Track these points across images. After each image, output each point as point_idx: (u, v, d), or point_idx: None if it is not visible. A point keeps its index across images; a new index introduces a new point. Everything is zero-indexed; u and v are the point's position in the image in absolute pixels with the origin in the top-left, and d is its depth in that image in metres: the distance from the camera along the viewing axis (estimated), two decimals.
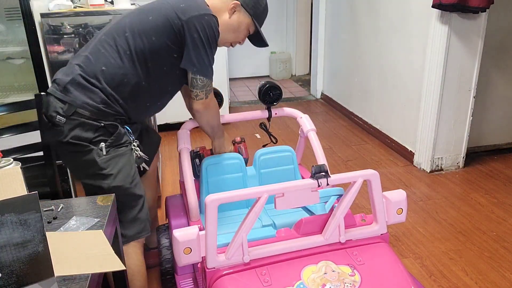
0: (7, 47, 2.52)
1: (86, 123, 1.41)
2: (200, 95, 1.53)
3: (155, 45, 1.44)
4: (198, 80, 1.49)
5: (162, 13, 1.45)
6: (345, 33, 3.96)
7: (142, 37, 1.44)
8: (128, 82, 1.45)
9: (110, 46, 1.45)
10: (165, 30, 1.44)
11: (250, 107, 4.42)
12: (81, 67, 1.43)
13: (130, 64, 1.44)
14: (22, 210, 0.76)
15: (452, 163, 2.94)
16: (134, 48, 1.44)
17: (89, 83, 1.42)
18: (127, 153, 1.48)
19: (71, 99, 1.40)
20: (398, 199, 1.27)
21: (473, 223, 2.31)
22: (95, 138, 1.42)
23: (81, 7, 2.52)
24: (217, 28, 1.48)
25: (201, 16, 1.44)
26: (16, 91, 2.61)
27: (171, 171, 2.91)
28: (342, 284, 1.09)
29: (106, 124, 1.43)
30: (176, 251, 1.13)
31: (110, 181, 1.42)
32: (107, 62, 1.43)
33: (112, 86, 1.43)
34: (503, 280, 1.88)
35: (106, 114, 1.43)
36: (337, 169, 2.97)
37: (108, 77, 1.43)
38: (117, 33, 1.46)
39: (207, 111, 1.61)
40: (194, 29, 1.42)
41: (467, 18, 2.59)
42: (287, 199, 1.14)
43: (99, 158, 1.41)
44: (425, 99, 2.83)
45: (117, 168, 1.43)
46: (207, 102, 1.57)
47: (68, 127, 1.41)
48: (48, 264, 0.80)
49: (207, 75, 1.50)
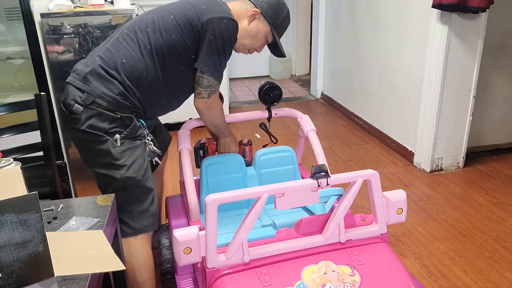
0: (7, 47, 2.52)
1: (103, 113, 1.43)
2: (202, 93, 1.55)
3: (174, 43, 1.47)
4: (204, 79, 1.51)
5: (183, 13, 1.48)
6: (345, 33, 3.96)
7: (162, 34, 1.46)
8: (147, 76, 1.47)
9: (131, 40, 1.47)
10: (185, 29, 1.46)
11: (250, 107, 4.42)
12: (102, 58, 1.46)
13: (149, 59, 1.47)
14: (22, 210, 0.76)
15: (452, 163, 2.94)
16: (154, 44, 1.46)
17: (109, 74, 1.44)
18: (141, 146, 1.50)
19: (90, 89, 1.42)
20: (398, 199, 1.27)
21: (473, 223, 2.31)
22: (111, 129, 1.44)
23: (81, 7, 2.52)
24: (235, 33, 1.50)
25: (220, 18, 1.46)
26: (16, 91, 2.61)
27: (171, 171, 2.91)
28: (342, 284, 1.09)
29: (123, 116, 1.45)
30: (176, 251, 1.13)
31: (123, 171, 1.44)
32: (128, 55, 1.46)
33: (131, 79, 1.45)
34: (503, 280, 1.88)
35: (123, 106, 1.45)
36: (337, 169, 2.97)
37: (128, 69, 1.45)
38: (139, 28, 1.49)
39: (209, 112, 1.62)
40: (212, 31, 1.45)
41: (467, 18, 2.59)
42: (287, 199, 1.14)
43: (113, 149, 1.43)
44: (425, 99, 2.83)
45: (131, 159, 1.45)
46: (209, 102, 1.58)
47: (85, 116, 1.43)
48: (48, 264, 0.80)
49: (215, 76, 1.51)
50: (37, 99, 1.64)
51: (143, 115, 1.55)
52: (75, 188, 2.55)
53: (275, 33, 1.60)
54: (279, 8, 1.58)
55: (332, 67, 4.38)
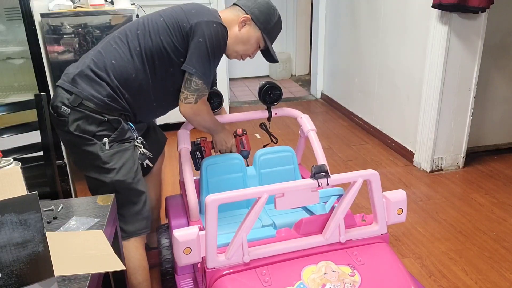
0: (7, 47, 2.52)
1: (90, 116, 1.42)
2: (189, 98, 1.51)
3: (163, 45, 1.47)
4: (192, 83, 1.49)
5: (173, 16, 1.49)
6: (345, 33, 3.96)
7: (152, 36, 1.47)
8: (136, 78, 1.47)
9: (122, 42, 1.48)
10: (174, 31, 1.46)
11: (250, 107, 4.42)
12: (92, 60, 1.46)
13: (139, 61, 1.47)
14: (22, 210, 0.76)
15: (452, 163, 2.94)
16: (143, 46, 1.47)
17: (97, 75, 1.44)
18: (130, 149, 1.49)
19: (78, 90, 1.42)
20: (398, 199, 1.27)
21: (473, 223, 2.31)
22: (99, 132, 1.43)
23: (81, 7, 2.52)
24: (224, 38, 1.50)
25: (209, 22, 1.46)
26: (16, 91, 2.61)
27: (171, 171, 2.91)
28: (342, 284, 1.09)
29: (110, 119, 1.44)
30: (176, 251, 1.13)
31: (112, 175, 1.44)
32: (117, 56, 1.46)
33: (120, 80, 1.45)
34: (503, 280, 1.88)
35: (111, 108, 1.45)
36: (337, 169, 2.97)
37: (117, 70, 1.45)
38: (130, 31, 1.50)
39: (197, 117, 1.59)
40: (200, 33, 1.44)
41: (467, 18, 2.59)
42: (287, 199, 1.14)
43: (102, 153, 1.43)
44: (425, 99, 2.83)
45: (120, 163, 1.45)
46: (196, 108, 1.54)
47: (72, 118, 1.43)
48: (48, 264, 0.80)
49: (203, 79, 1.49)
50: (37, 99, 1.64)
51: (132, 118, 1.54)
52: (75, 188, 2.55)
53: (266, 38, 1.59)
54: (270, 14, 1.57)
55: (332, 67, 4.38)
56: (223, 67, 3.67)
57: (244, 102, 4.61)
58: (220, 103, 1.86)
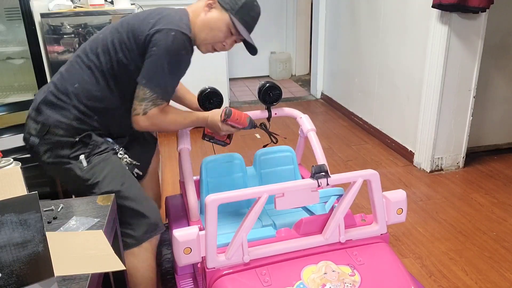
0: (7, 47, 2.52)
1: (60, 142, 1.40)
2: (137, 109, 1.42)
3: (123, 62, 1.42)
4: (140, 92, 1.40)
5: (129, 28, 1.42)
6: (345, 33, 3.96)
7: (111, 53, 1.42)
8: (103, 99, 1.44)
9: (83, 62, 1.45)
10: (131, 45, 1.41)
11: (250, 107, 4.42)
12: (55, 84, 1.44)
13: (102, 80, 1.43)
14: (22, 210, 0.76)
15: (452, 163, 2.94)
16: (105, 64, 1.43)
17: (61, 100, 1.41)
18: (109, 158, 1.45)
19: (44, 118, 1.40)
20: (398, 199, 1.27)
21: (473, 223, 2.31)
22: (73, 153, 1.41)
23: (81, 7, 2.52)
24: (185, 44, 1.41)
25: (167, 30, 1.38)
26: (16, 91, 2.61)
27: (171, 171, 2.91)
28: (342, 284, 1.09)
29: (81, 137, 1.42)
30: (176, 251, 1.13)
31: (98, 189, 1.40)
32: (80, 79, 1.43)
33: (86, 102, 1.43)
34: (503, 280, 1.88)
35: (80, 131, 1.42)
36: (337, 169, 2.97)
37: (81, 93, 1.42)
38: (90, 49, 1.46)
39: (156, 127, 1.50)
40: (155, 43, 1.37)
41: (467, 18, 2.59)
42: (287, 199, 1.14)
43: (81, 172, 1.41)
44: (425, 99, 2.83)
45: (102, 175, 1.41)
46: (146, 118, 1.42)
47: (43, 149, 1.41)
48: (48, 264, 0.80)
49: (153, 90, 1.39)
50: None
51: (107, 134, 1.50)
52: None
53: (236, 21, 1.44)
54: None
55: (332, 67, 4.38)
56: (223, 67, 3.67)
57: (244, 102, 4.61)
58: (220, 103, 1.86)
